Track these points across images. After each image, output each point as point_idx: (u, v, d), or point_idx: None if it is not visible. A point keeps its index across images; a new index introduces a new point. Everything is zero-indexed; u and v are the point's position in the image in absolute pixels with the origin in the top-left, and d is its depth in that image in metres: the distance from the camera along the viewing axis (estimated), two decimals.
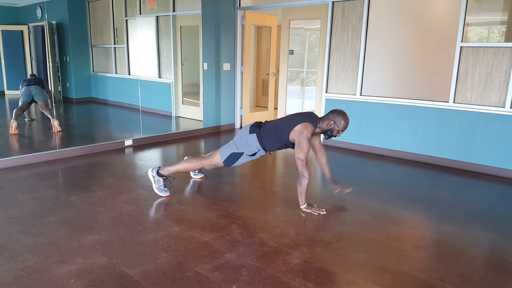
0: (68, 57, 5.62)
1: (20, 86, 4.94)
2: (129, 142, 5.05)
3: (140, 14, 6.27)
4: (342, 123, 2.99)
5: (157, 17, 6.33)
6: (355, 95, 5.00)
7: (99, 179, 3.73)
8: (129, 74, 6.13)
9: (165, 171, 3.33)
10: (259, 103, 8.55)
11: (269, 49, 7.13)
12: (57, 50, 5.46)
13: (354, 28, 4.89)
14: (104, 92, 6.23)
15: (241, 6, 6.09)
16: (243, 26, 6.19)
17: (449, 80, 4.31)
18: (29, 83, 4.97)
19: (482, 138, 4.17)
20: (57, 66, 5.49)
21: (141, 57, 6.14)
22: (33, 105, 5.06)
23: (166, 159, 4.69)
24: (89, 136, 5.52)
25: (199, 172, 3.80)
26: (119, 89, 6.24)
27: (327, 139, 3.14)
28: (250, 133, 3.17)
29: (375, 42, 4.79)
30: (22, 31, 4.98)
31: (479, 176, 4.14)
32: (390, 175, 4.19)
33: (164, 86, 6.44)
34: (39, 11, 4.93)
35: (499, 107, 4.03)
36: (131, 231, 2.64)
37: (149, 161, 4.45)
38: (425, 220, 3.04)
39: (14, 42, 4.94)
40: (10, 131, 4.79)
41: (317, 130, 3.07)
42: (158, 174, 3.31)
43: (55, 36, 5.41)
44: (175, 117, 6.52)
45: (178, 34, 6.25)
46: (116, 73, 6.23)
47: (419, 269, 2.27)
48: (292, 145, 3.06)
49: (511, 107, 3.96)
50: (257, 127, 3.19)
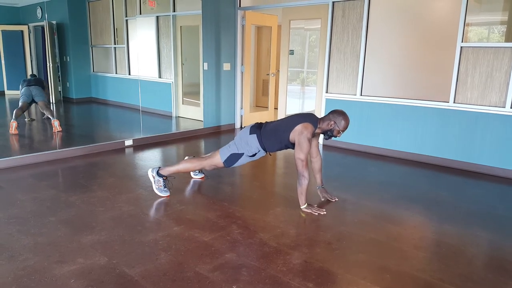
0: (68, 57, 5.62)
1: (20, 86, 4.94)
2: (129, 142, 5.05)
3: (140, 14, 6.27)
4: (343, 123, 2.99)
5: (157, 17, 6.33)
6: (355, 95, 5.00)
7: (99, 179, 3.73)
8: (129, 74, 6.13)
9: (165, 171, 3.32)
10: (259, 103, 8.55)
11: (269, 49, 7.13)
12: (57, 50, 5.46)
13: (354, 28, 4.89)
14: (104, 92, 6.23)
15: (241, 6, 6.09)
16: (243, 26, 6.19)
17: (449, 80, 4.31)
18: (29, 83, 4.97)
19: (482, 138, 4.17)
20: (57, 66, 5.49)
21: (141, 57, 6.14)
22: (33, 105, 5.07)
23: (166, 159, 4.69)
24: (89, 136, 5.52)
25: (199, 172, 3.80)
26: (119, 89, 6.24)
27: (327, 139, 3.14)
28: (250, 133, 3.17)
29: (376, 42, 4.79)
30: (22, 31, 4.98)
31: (479, 176, 4.14)
32: (390, 175, 4.19)
33: (164, 86, 6.44)
34: (39, 11, 4.93)
35: (499, 107, 4.03)
36: (131, 231, 2.64)
37: (149, 161, 4.45)
38: (425, 220, 3.04)
39: (14, 42, 4.94)
40: (10, 131, 4.79)
41: (318, 130, 3.07)
42: (158, 174, 3.31)
43: (55, 36, 5.41)
44: (175, 117, 6.52)
45: (178, 34, 6.25)
46: (116, 73, 6.23)
47: (419, 269, 2.27)
48: (292, 145, 3.05)
49: (511, 107, 3.96)
50: (257, 128, 3.19)
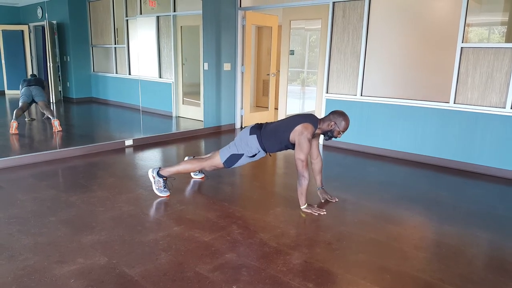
0: (68, 57, 5.63)
1: (20, 86, 4.94)
2: (129, 142, 5.05)
3: (141, 14, 6.27)
4: (343, 124, 2.99)
5: (157, 17, 6.33)
6: (356, 95, 5.00)
7: (99, 179, 3.73)
8: (129, 74, 6.14)
9: (166, 172, 3.33)
10: (259, 104, 8.55)
11: (269, 49, 7.14)
12: (57, 50, 5.46)
13: (354, 28, 4.89)
14: (104, 92, 6.23)
15: (241, 6, 6.09)
16: (243, 26, 6.19)
17: (449, 80, 4.31)
18: (29, 83, 4.97)
19: (482, 139, 4.17)
20: (58, 66, 5.49)
21: (141, 57, 6.14)
22: (33, 105, 5.07)
23: (166, 159, 4.69)
24: (89, 136, 5.52)
25: (199, 172, 3.80)
26: (120, 89, 6.24)
27: (327, 140, 3.14)
28: (250, 134, 3.17)
29: (376, 42, 4.79)
30: (22, 31, 4.99)
31: (479, 177, 4.14)
32: (390, 175, 4.19)
33: (164, 86, 6.43)
34: (39, 11, 4.93)
35: (500, 107, 4.03)
36: (131, 231, 2.64)
37: (149, 161, 4.45)
38: (425, 220, 3.04)
39: (14, 42, 4.94)
40: (10, 131, 4.80)
41: (318, 131, 3.07)
42: (159, 175, 3.31)
43: (56, 36, 5.41)
44: (176, 117, 6.52)
45: (179, 34, 6.25)
46: (117, 73, 6.23)
47: (419, 270, 2.27)
48: (293, 146, 3.05)
49: (511, 108, 3.96)
50: (257, 129, 3.19)
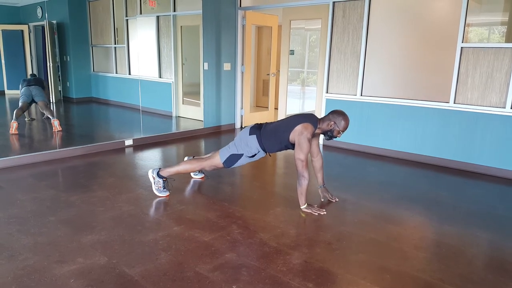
0: (68, 56, 5.62)
1: (20, 86, 4.94)
2: (129, 142, 5.05)
3: (141, 14, 6.27)
4: (343, 123, 2.99)
5: (157, 17, 6.33)
6: (356, 95, 5.00)
7: (99, 179, 3.73)
8: (129, 74, 6.13)
9: (165, 172, 3.33)
10: (259, 103, 8.54)
11: (269, 49, 7.13)
12: (57, 50, 5.46)
13: (354, 28, 4.89)
14: (104, 92, 6.23)
15: (241, 6, 6.09)
16: (243, 26, 6.19)
17: (449, 80, 4.31)
18: (29, 83, 4.97)
19: (482, 139, 4.16)
20: (58, 65, 5.49)
21: (141, 57, 6.14)
22: (33, 105, 5.06)
23: (166, 159, 4.69)
24: (89, 136, 5.52)
25: (199, 172, 3.79)
26: (120, 89, 6.24)
27: (327, 140, 3.14)
28: (250, 134, 3.17)
29: (376, 42, 4.79)
30: (22, 30, 4.98)
31: (479, 177, 4.13)
32: (390, 175, 4.19)
33: (164, 86, 6.43)
34: (39, 10, 4.93)
35: (500, 107, 4.03)
36: (131, 231, 2.64)
37: (149, 161, 4.45)
38: (425, 220, 3.04)
39: (14, 42, 4.94)
40: (10, 131, 4.79)
41: (317, 131, 3.07)
42: (159, 175, 3.31)
43: (56, 36, 5.41)
44: (176, 117, 6.52)
45: (179, 34, 6.24)
46: (117, 73, 6.23)
47: (419, 270, 2.27)
48: (292, 146, 3.05)
49: (511, 108, 3.96)
50: (257, 129, 3.19)
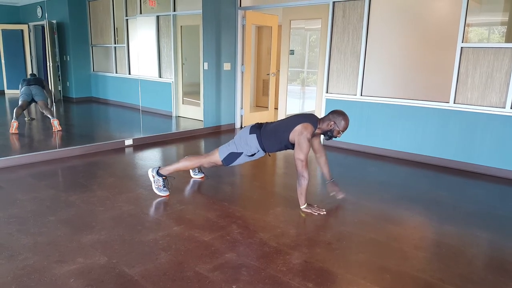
0: (68, 56, 5.62)
1: (20, 86, 4.94)
2: (129, 142, 5.05)
3: (141, 13, 6.26)
4: (342, 123, 2.99)
5: (157, 16, 6.33)
6: (356, 95, 5.00)
7: (99, 178, 3.73)
8: (129, 74, 6.13)
9: (165, 170, 3.33)
10: (259, 103, 8.54)
11: (269, 49, 7.13)
12: (57, 50, 5.46)
13: (354, 28, 4.89)
14: (104, 92, 6.23)
15: (241, 6, 6.09)
16: (243, 26, 6.19)
17: (449, 80, 4.31)
18: (29, 82, 4.97)
19: (482, 139, 4.16)
20: (57, 65, 5.49)
21: (141, 57, 6.13)
22: (33, 104, 5.06)
23: (166, 159, 4.69)
24: (89, 136, 5.51)
25: (199, 172, 3.79)
26: (120, 88, 6.23)
27: (327, 139, 3.14)
28: (250, 133, 3.17)
29: (376, 42, 4.79)
30: (22, 30, 4.98)
31: (479, 176, 4.13)
32: (390, 175, 4.19)
33: (164, 85, 6.43)
34: (39, 10, 4.93)
35: (500, 107, 4.03)
36: (131, 231, 2.64)
37: (149, 160, 4.45)
38: (425, 220, 3.04)
39: (14, 41, 4.94)
40: (10, 130, 4.79)
41: (317, 131, 3.07)
42: (158, 174, 3.31)
43: (56, 36, 5.40)
44: (176, 116, 6.52)
45: (179, 34, 6.24)
46: (117, 73, 6.23)
47: (419, 270, 2.27)
48: (292, 146, 3.05)
49: (511, 108, 3.96)
50: (257, 128, 3.19)
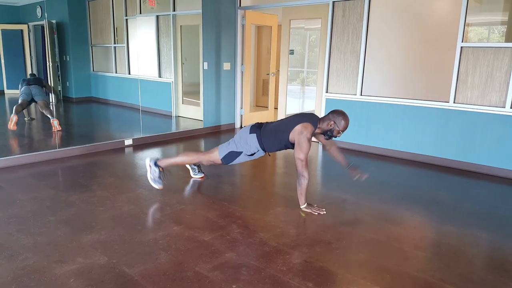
0: (68, 56, 5.62)
1: (20, 86, 4.93)
2: (129, 142, 5.04)
3: (140, 13, 6.26)
4: (342, 123, 2.99)
5: (157, 16, 6.32)
6: (356, 95, 5.00)
7: (99, 178, 3.72)
8: (129, 74, 6.13)
9: (163, 162, 3.38)
10: (259, 103, 8.54)
11: (269, 48, 7.13)
12: (57, 50, 5.45)
13: (354, 28, 4.89)
14: (104, 92, 6.22)
15: (241, 5, 6.08)
16: (243, 26, 6.19)
17: (449, 80, 4.31)
18: (28, 82, 4.96)
19: (482, 138, 4.16)
20: (57, 65, 5.48)
21: (141, 57, 6.13)
22: (32, 104, 5.06)
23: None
24: (89, 136, 5.51)
25: (199, 172, 3.79)
26: (119, 88, 6.23)
27: (327, 139, 3.14)
28: (250, 133, 3.17)
29: (376, 42, 4.79)
30: (22, 30, 4.98)
31: (479, 176, 4.13)
32: (390, 175, 4.19)
33: (164, 85, 6.43)
34: (39, 10, 4.92)
35: (500, 107, 4.02)
36: (131, 231, 2.64)
37: None
38: (425, 220, 3.04)
39: (14, 41, 4.94)
40: (9, 125, 4.73)
41: (317, 130, 3.07)
42: (156, 164, 3.35)
43: (55, 35, 5.40)
44: (175, 116, 6.52)
45: (178, 34, 6.24)
46: (116, 73, 6.22)
47: (419, 269, 2.27)
48: (292, 145, 3.05)
49: (511, 107, 3.96)
50: (257, 128, 3.19)
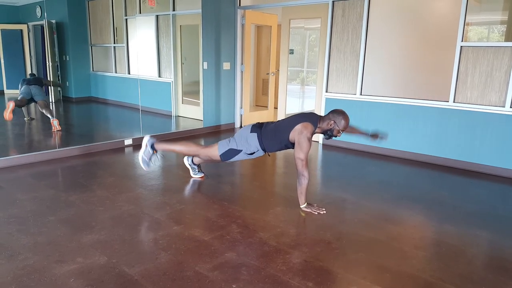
0: (67, 56, 5.61)
1: (20, 86, 4.93)
2: (129, 142, 5.04)
3: (140, 13, 6.26)
4: (343, 122, 2.99)
5: (157, 16, 6.32)
6: (355, 94, 5.00)
7: (99, 178, 3.72)
8: (129, 73, 6.12)
9: (160, 146, 3.40)
10: (259, 103, 8.54)
11: (269, 48, 7.13)
12: (56, 49, 5.45)
13: (354, 27, 4.88)
14: (104, 92, 6.22)
15: (241, 5, 6.08)
16: (243, 25, 6.18)
17: (449, 79, 4.31)
18: (28, 82, 4.96)
19: (482, 138, 4.16)
20: (57, 65, 5.48)
21: (141, 56, 6.13)
22: (32, 104, 5.05)
23: (166, 158, 4.68)
24: (88, 136, 5.51)
25: (199, 171, 3.79)
26: (119, 88, 6.23)
27: (327, 139, 3.14)
28: (251, 132, 3.17)
29: (375, 41, 4.78)
30: (21, 30, 4.97)
31: (480, 176, 4.13)
32: (390, 175, 4.19)
33: (164, 85, 6.43)
34: (38, 10, 4.92)
35: (499, 106, 4.02)
36: (131, 231, 2.64)
37: None
38: (425, 220, 3.04)
39: (13, 41, 4.93)
40: (5, 114, 4.61)
41: (317, 130, 3.07)
42: (152, 147, 3.38)
43: (55, 35, 5.39)
44: (175, 116, 6.52)
45: (178, 33, 6.24)
46: (116, 72, 6.22)
47: (419, 269, 2.27)
48: (293, 145, 3.05)
49: (511, 107, 3.96)
50: (258, 128, 3.19)
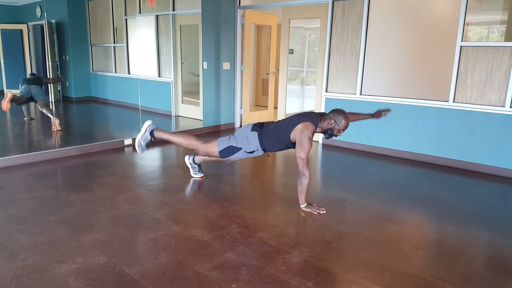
0: (67, 56, 5.61)
1: (20, 85, 4.93)
2: (128, 141, 5.04)
3: (140, 13, 6.26)
4: (343, 122, 2.99)
5: (156, 16, 6.32)
6: (355, 94, 5.00)
7: (98, 178, 3.72)
8: (128, 73, 6.13)
9: (160, 134, 3.39)
10: (259, 103, 8.54)
11: (269, 48, 7.12)
12: (56, 49, 5.45)
13: (354, 27, 4.88)
14: (103, 91, 6.22)
15: (241, 5, 6.08)
16: (243, 25, 6.18)
17: (449, 79, 4.31)
18: (29, 82, 4.97)
19: (482, 138, 4.16)
20: (57, 65, 5.48)
21: (140, 56, 6.13)
22: (32, 104, 5.05)
23: (166, 158, 4.68)
24: (88, 135, 5.51)
25: (199, 171, 3.79)
26: (119, 88, 6.23)
27: (327, 138, 3.14)
28: (252, 130, 3.17)
29: (375, 41, 4.78)
30: (21, 30, 4.97)
31: (479, 176, 4.13)
32: (390, 175, 4.19)
33: (163, 85, 6.43)
34: (38, 10, 4.92)
35: (499, 106, 4.02)
36: (130, 230, 2.64)
37: (148, 160, 4.45)
38: (425, 219, 3.04)
39: (13, 41, 4.93)
40: (2, 104, 4.58)
41: (318, 129, 3.07)
42: (151, 133, 3.38)
43: (55, 35, 5.40)
44: (175, 116, 6.52)
45: (178, 33, 6.24)
46: (116, 72, 6.22)
47: (419, 269, 2.27)
48: (293, 145, 3.05)
49: (511, 107, 3.96)
50: (259, 127, 3.20)
